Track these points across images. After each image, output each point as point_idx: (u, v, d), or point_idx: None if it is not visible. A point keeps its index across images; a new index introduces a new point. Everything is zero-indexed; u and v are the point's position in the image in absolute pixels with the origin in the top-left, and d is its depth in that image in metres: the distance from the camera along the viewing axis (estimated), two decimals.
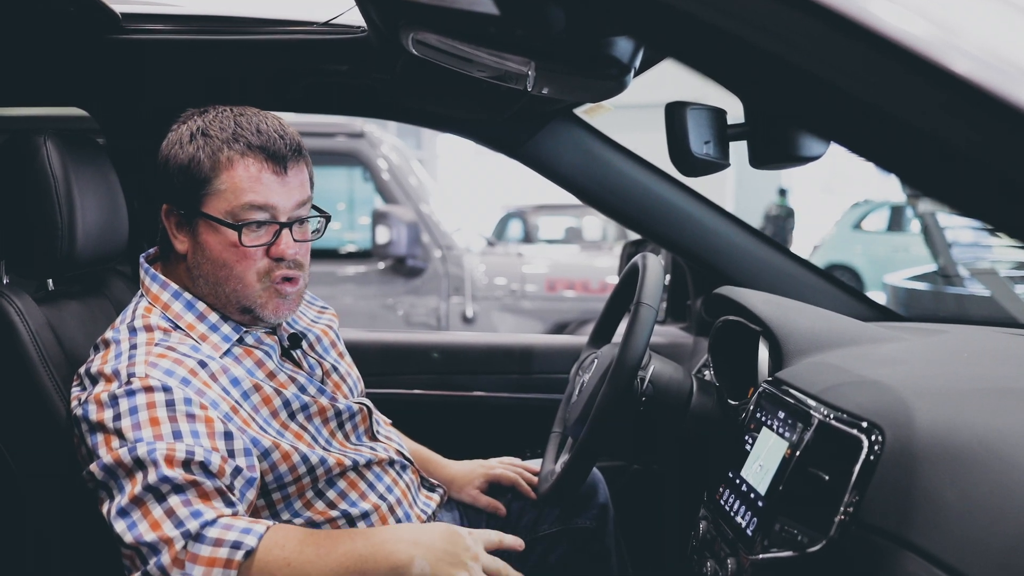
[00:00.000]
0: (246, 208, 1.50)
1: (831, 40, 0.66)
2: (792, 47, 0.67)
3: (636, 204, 2.14)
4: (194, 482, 1.34)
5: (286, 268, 1.56)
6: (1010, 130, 0.63)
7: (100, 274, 1.87)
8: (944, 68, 0.63)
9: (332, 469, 1.59)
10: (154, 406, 1.40)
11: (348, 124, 5.30)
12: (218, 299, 1.58)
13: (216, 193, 1.51)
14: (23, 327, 1.52)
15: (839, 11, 0.64)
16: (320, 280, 5.30)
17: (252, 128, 1.52)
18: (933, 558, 1.01)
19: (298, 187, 1.55)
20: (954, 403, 1.18)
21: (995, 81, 0.62)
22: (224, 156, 1.50)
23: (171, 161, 1.54)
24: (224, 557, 1.30)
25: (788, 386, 1.43)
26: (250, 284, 1.55)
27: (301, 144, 1.58)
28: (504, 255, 5.83)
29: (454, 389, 2.41)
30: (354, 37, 1.80)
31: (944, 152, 0.66)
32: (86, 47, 1.83)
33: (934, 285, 7.65)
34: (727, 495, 1.45)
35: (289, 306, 1.60)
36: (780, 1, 0.65)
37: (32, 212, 1.58)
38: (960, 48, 0.64)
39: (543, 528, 1.98)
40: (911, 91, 0.65)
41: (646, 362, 1.74)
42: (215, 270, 1.55)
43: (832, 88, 0.66)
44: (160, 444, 1.36)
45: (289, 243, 1.55)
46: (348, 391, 1.76)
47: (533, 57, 1.27)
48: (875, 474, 1.15)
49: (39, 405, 1.51)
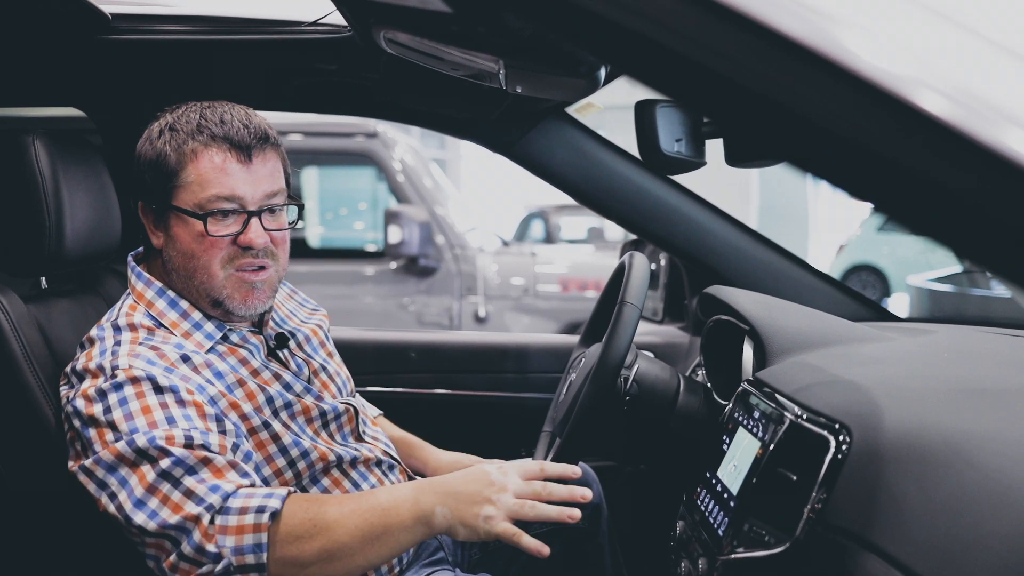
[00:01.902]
0: (212, 199, 1.51)
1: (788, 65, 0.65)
2: (740, 67, 0.66)
3: (629, 203, 2.13)
4: (204, 459, 1.36)
5: (252, 257, 1.55)
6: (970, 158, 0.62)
7: (95, 272, 1.88)
8: (908, 103, 0.62)
9: (315, 464, 1.59)
10: (143, 395, 1.41)
11: (362, 124, 5.31)
12: (191, 293, 1.58)
13: (184, 186, 1.52)
14: (7, 324, 1.53)
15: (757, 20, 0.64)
16: (333, 279, 5.32)
17: (216, 119, 1.52)
18: (892, 559, 1.00)
19: (266, 176, 1.55)
20: (925, 404, 1.17)
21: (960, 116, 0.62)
22: (189, 148, 1.51)
23: (142, 158, 1.56)
24: (252, 522, 1.32)
25: (766, 386, 1.42)
26: (215, 274, 1.54)
27: (269, 133, 1.58)
28: (518, 255, 5.83)
29: (449, 388, 2.41)
30: (340, 37, 1.81)
31: (894, 173, 0.66)
32: (77, 48, 1.85)
33: (959, 286, 7.56)
34: (703, 495, 1.45)
35: (259, 296, 1.58)
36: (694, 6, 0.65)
37: (20, 211, 1.60)
38: (928, 84, 0.63)
39: (535, 527, 1.96)
40: (875, 122, 0.65)
41: (632, 361, 1.74)
42: (185, 262, 1.56)
43: (778, 106, 0.66)
44: (158, 431, 1.37)
45: (258, 232, 1.54)
46: (336, 391, 1.76)
47: (501, 55, 1.28)
48: (841, 474, 1.14)
49: (23, 402, 1.52)
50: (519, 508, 1.35)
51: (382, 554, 1.36)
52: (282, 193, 1.59)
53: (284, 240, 1.62)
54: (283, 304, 1.84)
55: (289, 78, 1.97)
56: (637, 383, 1.71)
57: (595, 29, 0.69)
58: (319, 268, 5.47)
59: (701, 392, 1.77)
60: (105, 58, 1.87)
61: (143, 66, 1.92)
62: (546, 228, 11.15)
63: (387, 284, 5.29)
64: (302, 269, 5.41)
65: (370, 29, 1.40)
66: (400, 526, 1.35)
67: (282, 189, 1.59)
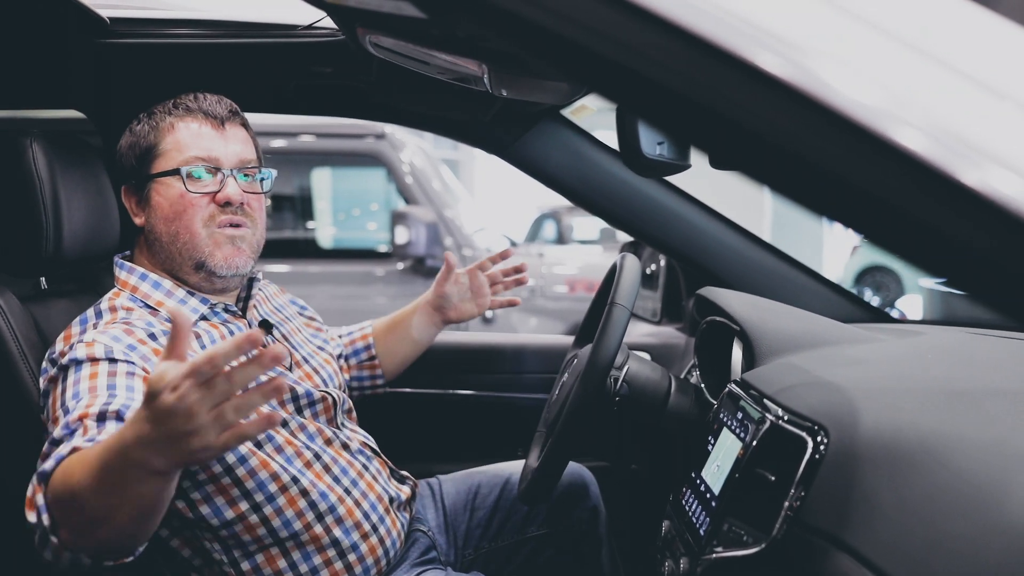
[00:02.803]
0: (190, 160, 1.62)
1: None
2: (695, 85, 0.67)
3: (624, 204, 2.14)
4: (85, 428, 1.30)
5: (231, 214, 1.64)
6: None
7: (94, 273, 1.90)
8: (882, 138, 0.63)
9: (283, 447, 1.60)
10: (95, 364, 1.43)
11: (372, 126, 5.32)
12: (174, 261, 1.64)
13: (162, 155, 1.64)
14: (3, 324, 1.56)
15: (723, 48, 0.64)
16: (340, 280, 5.34)
17: (190, 97, 1.66)
18: (864, 559, 1.01)
19: (239, 142, 1.67)
20: (903, 404, 1.18)
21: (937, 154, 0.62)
22: (166, 123, 1.64)
23: (121, 148, 1.68)
24: (34, 483, 1.26)
25: (751, 387, 1.43)
26: (196, 232, 1.62)
27: (239, 112, 1.70)
28: (525, 256, 5.83)
29: (446, 388, 2.42)
30: (334, 40, 1.83)
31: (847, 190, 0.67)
32: (76, 52, 1.88)
33: None
34: (688, 495, 1.45)
35: (240, 255, 1.65)
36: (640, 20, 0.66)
37: (18, 212, 1.63)
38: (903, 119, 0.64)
39: (531, 529, 1.98)
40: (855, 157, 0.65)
41: (623, 362, 1.74)
42: (166, 227, 1.63)
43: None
44: (87, 397, 1.36)
45: (235, 189, 1.64)
46: (320, 382, 1.78)
47: (483, 59, 1.29)
48: (818, 475, 1.14)
49: (18, 401, 1.55)
50: (221, 421, 1.09)
51: (130, 510, 1.19)
52: (254, 163, 1.70)
53: (260, 206, 1.70)
54: (270, 299, 1.86)
55: (286, 81, 2.00)
56: (628, 384, 1.71)
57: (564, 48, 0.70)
58: (327, 268, 5.49)
59: (692, 393, 1.78)
60: (104, 62, 1.90)
61: (142, 69, 1.95)
62: (558, 229, 11.14)
63: (395, 285, 5.30)
64: (311, 269, 5.43)
65: (354, 33, 1.42)
66: (131, 479, 1.15)
67: (255, 159, 1.70)
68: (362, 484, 1.71)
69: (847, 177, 0.65)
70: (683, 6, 0.66)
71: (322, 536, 1.61)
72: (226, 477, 1.55)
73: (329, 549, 1.62)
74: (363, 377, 2.11)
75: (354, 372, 2.10)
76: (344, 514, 1.64)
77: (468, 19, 0.73)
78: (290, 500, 1.59)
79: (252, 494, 1.56)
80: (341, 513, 1.64)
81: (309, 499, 1.60)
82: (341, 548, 1.63)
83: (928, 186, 0.62)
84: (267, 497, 1.57)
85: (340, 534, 1.63)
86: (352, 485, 1.69)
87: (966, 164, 0.62)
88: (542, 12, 0.68)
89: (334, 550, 1.62)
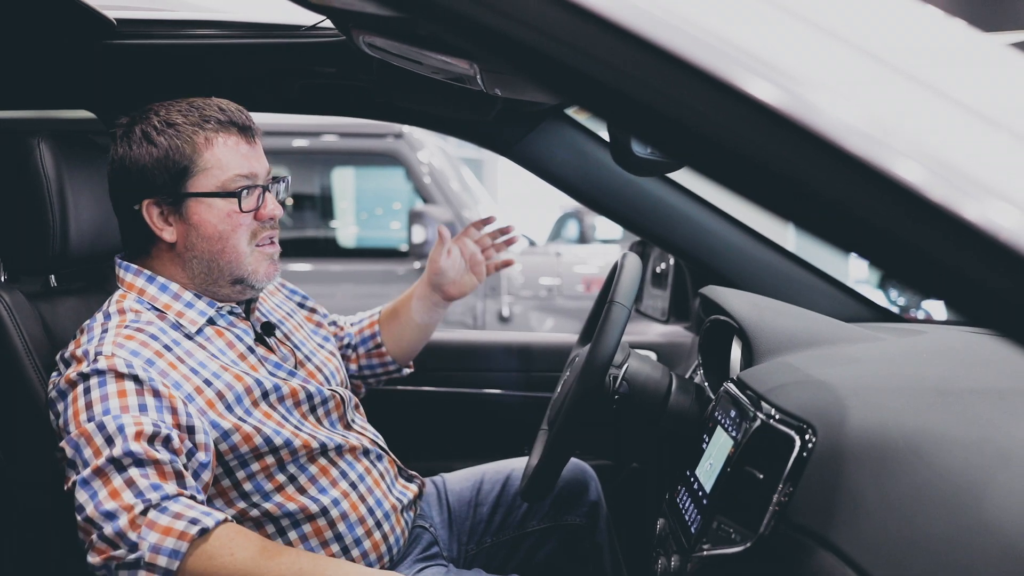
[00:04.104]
0: (235, 179, 1.61)
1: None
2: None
3: (629, 203, 2.14)
4: (156, 460, 1.39)
5: (271, 228, 1.67)
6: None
7: (103, 271, 1.93)
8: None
9: (298, 451, 1.62)
10: (121, 380, 1.46)
11: (391, 125, 5.35)
12: (210, 276, 1.65)
13: (202, 172, 1.60)
14: (10, 321, 1.58)
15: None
16: (359, 278, 5.37)
17: (214, 108, 1.63)
18: (847, 558, 1.01)
19: (264, 155, 1.69)
20: (891, 403, 1.18)
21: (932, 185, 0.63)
22: (201, 138, 1.60)
23: (138, 161, 1.60)
24: (180, 528, 1.35)
25: (745, 385, 1.43)
26: (242, 252, 1.64)
27: None
28: (543, 255, 5.84)
29: (454, 386, 2.43)
30: (337, 40, 1.84)
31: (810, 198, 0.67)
32: (84, 53, 1.90)
33: None
34: (682, 493, 1.46)
35: (276, 267, 1.70)
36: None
37: (26, 211, 1.65)
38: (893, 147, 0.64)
39: (532, 524, 1.99)
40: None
41: (623, 360, 1.74)
42: (210, 246, 1.63)
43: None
44: (127, 416, 1.42)
45: (275, 203, 1.67)
46: (324, 380, 1.80)
47: (473, 59, 1.29)
48: (805, 473, 1.15)
49: (24, 396, 1.57)
50: None
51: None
52: (273, 173, 1.72)
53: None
54: (269, 298, 1.88)
55: (291, 81, 2.01)
56: (627, 382, 1.71)
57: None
58: (346, 267, 5.52)
59: (693, 391, 1.77)
60: (111, 62, 1.92)
61: (148, 69, 1.97)
62: (580, 228, 11.11)
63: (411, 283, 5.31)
64: (331, 268, 5.46)
65: (349, 33, 1.43)
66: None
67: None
68: (368, 480, 1.72)
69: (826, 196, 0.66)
70: (674, 32, 0.66)
71: (325, 530, 1.63)
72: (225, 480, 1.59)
73: (332, 544, 1.63)
74: (374, 365, 2.11)
75: (363, 361, 2.10)
76: (348, 509, 1.66)
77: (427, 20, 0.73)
78: (288, 497, 1.61)
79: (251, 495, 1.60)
80: (345, 508, 1.65)
81: (311, 495, 1.62)
82: (344, 544, 1.64)
83: (917, 213, 0.62)
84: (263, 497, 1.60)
85: (344, 529, 1.64)
86: (359, 480, 1.70)
87: (958, 193, 0.62)
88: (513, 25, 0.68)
89: (337, 545, 1.64)
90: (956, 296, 0.66)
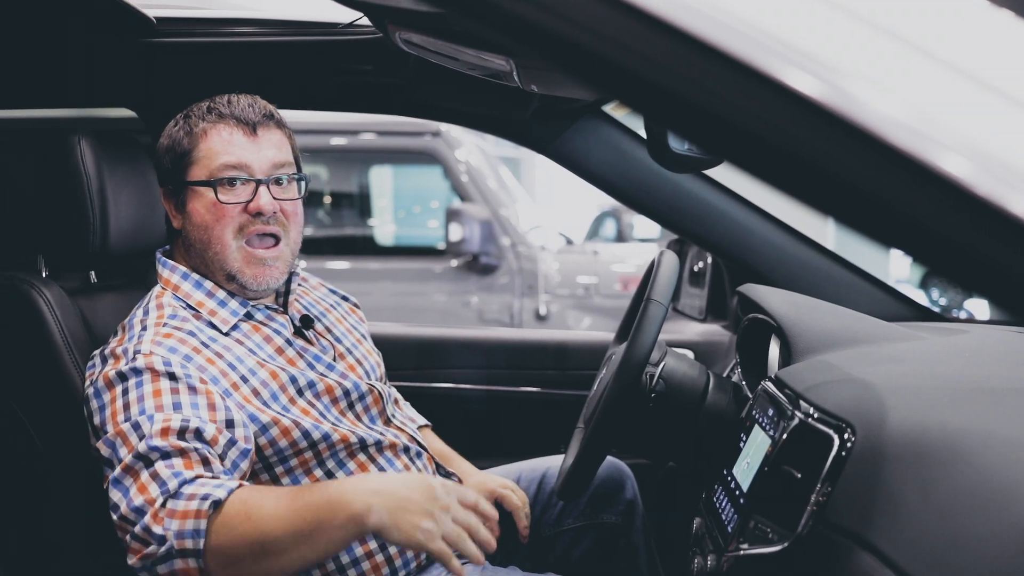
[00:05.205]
0: (221, 168, 1.62)
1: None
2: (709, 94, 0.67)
3: (667, 201, 2.13)
4: (182, 449, 1.39)
5: (262, 223, 1.63)
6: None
7: (143, 267, 1.95)
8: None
9: (336, 445, 1.62)
10: (157, 379, 1.47)
11: (428, 123, 5.37)
12: (208, 268, 1.66)
13: (196, 162, 1.63)
14: (50, 316, 1.60)
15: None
16: (397, 276, 5.39)
17: (223, 101, 1.65)
18: (886, 559, 1.00)
19: (271, 147, 1.65)
20: (931, 402, 1.16)
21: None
22: (200, 128, 1.63)
23: (160, 148, 1.69)
24: (195, 508, 1.34)
25: (783, 384, 1.41)
26: (227, 244, 1.63)
27: (275, 114, 1.69)
28: (580, 253, 5.83)
29: (491, 384, 2.43)
30: (373, 38, 1.85)
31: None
32: (124, 50, 1.92)
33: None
34: (719, 492, 1.45)
35: (272, 273, 1.66)
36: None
37: (67, 208, 1.67)
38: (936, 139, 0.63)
39: (568, 522, 1.98)
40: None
41: (660, 358, 1.73)
42: (200, 235, 1.64)
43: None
44: (158, 415, 1.42)
45: (268, 199, 1.62)
46: (363, 374, 1.79)
47: (509, 54, 1.29)
48: (844, 472, 1.13)
49: (63, 390, 1.59)
50: (456, 535, 1.33)
51: (315, 550, 1.35)
52: (290, 166, 1.69)
53: (295, 213, 1.69)
54: (311, 291, 1.88)
55: (328, 78, 2.02)
56: (664, 380, 1.70)
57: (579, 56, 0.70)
58: (384, 265, 5.55)
59: (731, 390, 1.76)
60: (151, 60, 1.94)
61: (188, 67, 1.99)
62: (618, 227, 11.08)
63: (448, 281, 5.34)
64: (369, 266, 5.49)
65: (386, 29, 1.43)
66: (332, 523, 1.32)
67: (290, 162, 1.69)
68: None
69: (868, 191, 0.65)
70: (714, 24, 0.65)
71: None
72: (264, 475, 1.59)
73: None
74: None
75: None
76: None
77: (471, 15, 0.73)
78: None
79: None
80: None
81: None
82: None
83: (962, 208, 0.61)
84: None
85: None
86: None
87: (1005, 187, 0.61)
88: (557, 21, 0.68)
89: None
90: (1002, 293, 0.65)
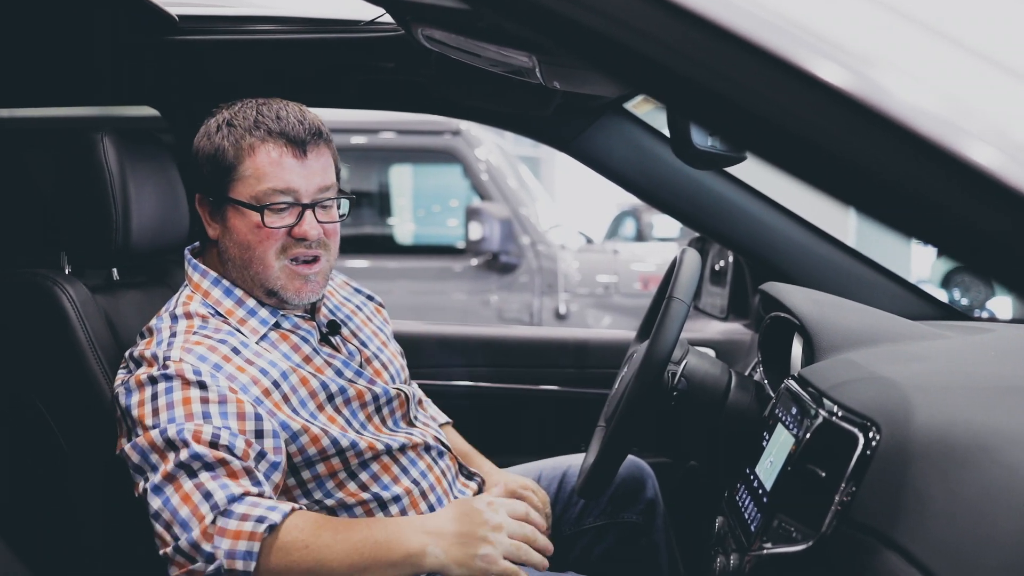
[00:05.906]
0: (268, 192, 1.57)
1: None
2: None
3: (689, 199, 2.12)
4: (222, 460, 1.41)
5: (305, 248, 1.61)
6: None
7: (164, 265, 1.95)
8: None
9: (363, 452, 1.62)
10: (187, 388, 1.47)
11: (448, 122, 5.37)
12: (246, 282, 1.64)
13: (241, 179, 1.58)
14: (74, 314, 1.61)
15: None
16: (417, 275, 5.40)
17: (272, 115, 1.58)
18: (912, 558, 0.99)
19: (320, 171, 1.61)
20: (957, 400, 1.15)
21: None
22: (247, 143, 1.57)
23: (200, 152, 1.63)
24: (249, 530, 1.36)
25: (807, 382, 1.40)
26: (270, 265, 1.60)
27: (322, 129, 1.63)
28: (600, 252, 5.82)
29: (511, 382, 2.43)
30: (395, 35, 1.84)
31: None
32: (146, 49, 1.93)
33: None
34: (742, 491, 1.44)
35: (312, 288, 1.64)
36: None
37: (90, 206, 1.68)
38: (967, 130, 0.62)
39: (588, 521, 1.98)
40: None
41: (681, 356, 1.72)
42: (240, 252, 1.61)
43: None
44: (189, 424, 1.43)
45: (312, 224, 1.59)
46: (389, 379, 1.79)
47: (532, 50, 1.28)
48: (868, 471, 1.12)
49: (87, 388, 1.60)
50: (516, 549, 1.40)
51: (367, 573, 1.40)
52: (333, 187, 1.65)
53: (335, 232, 1.67)
54: (337, 291, 1.88)
55: (350, 76, 2.02)
56: (686, 378, 1.69)
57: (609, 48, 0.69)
58: (404, 264, 5.56)
59: (753, 389, 1.75)
60: (173, 58, 1.95)
61: (209, 65, 1.99)
62: (637, 226, 11.08)
63: (468, 280, 5.34)
64: (388, 265, 5.50)
65: (408, 26, 1.43)
66: (389, 562, 1.39)
67: (333, 184, 1.65)
68: (430, 478, 1.72)
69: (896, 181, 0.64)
70: (742, 15, 0.64)
71: None
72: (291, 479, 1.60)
73: None
74: None
75: None
76: (408, 506, 1.66)
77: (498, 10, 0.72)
78: (349, 494, 1.62)
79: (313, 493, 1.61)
80: (406, 505, 1.66)
81: (373, 492, 1.63)
82: None
83: (992, 199, 0.60)
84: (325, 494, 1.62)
85: None
86: (421, 477, 1.70)
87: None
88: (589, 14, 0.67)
89: None
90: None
